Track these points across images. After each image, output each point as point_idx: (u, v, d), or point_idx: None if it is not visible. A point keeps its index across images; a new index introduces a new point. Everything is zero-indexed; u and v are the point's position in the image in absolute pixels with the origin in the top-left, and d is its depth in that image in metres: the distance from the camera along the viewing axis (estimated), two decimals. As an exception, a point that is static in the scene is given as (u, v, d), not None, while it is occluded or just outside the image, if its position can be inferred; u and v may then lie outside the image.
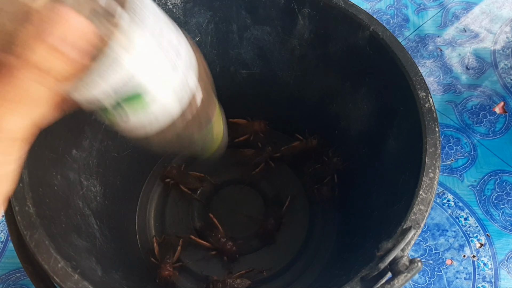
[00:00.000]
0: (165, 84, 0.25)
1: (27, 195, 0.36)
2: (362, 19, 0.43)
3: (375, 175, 0.48)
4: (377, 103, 0.47)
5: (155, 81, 0.24)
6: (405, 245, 0.32)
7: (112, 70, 0.22)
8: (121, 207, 0.56)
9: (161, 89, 0.25)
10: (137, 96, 0.24)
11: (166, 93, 0.25)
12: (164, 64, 0.24)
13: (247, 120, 0.62)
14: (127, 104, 0.24)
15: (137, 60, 0.23)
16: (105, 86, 0.23)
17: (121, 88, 0.23)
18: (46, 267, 0.33)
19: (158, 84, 0.25)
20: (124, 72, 0.22)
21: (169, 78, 0.25)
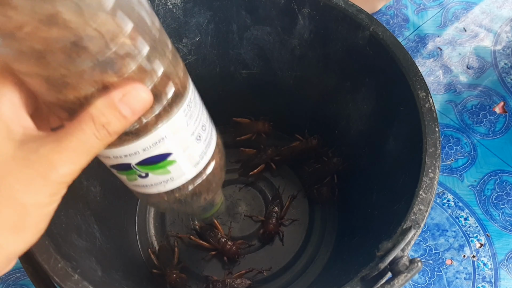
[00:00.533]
0: (188, 149, 0.27)
1: (27, 195, 0.36)
2: (362, 19, 0.43)
3: (375, 175, 0.48)
4: (377, 103, 0.47)
5: (181, 145, 0.26)
6: (405, 245, 0.32)
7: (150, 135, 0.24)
8: (121, 207, 0.56)
9: (183, 152, 0.27)
10: (166, 162, 0.26)
11: (187, 157, 0.27)
12: (191, 132, 0.27)
13: (250, 119, 0.62)
14: (154, 167, 0.26)
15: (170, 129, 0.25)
16: (142, 152, 0.25)
17: (150, 149, 0.25)
18: (46, 267, 0.33)
19: (182, 148, 0.27)
20: (157, 137, 0.25)
21: (193, 146, 0.28)
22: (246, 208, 0.60)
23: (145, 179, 0.27)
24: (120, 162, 0.26)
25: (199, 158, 0.28)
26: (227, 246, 0.54)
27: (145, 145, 0.25)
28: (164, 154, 0.26)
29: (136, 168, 0.26)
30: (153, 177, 0.27)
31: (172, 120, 0.25)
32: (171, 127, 0.25)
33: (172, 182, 0.28)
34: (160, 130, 0.24)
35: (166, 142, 0.25)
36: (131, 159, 0.25)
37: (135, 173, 0.27)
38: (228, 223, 0.59)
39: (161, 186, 0.28)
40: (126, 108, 0.22)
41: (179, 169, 0.27)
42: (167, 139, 0.25)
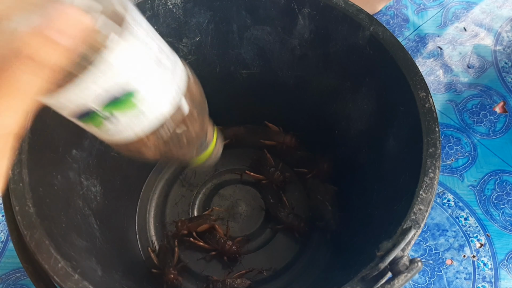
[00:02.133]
0: (154, 81, 0.25)
1: (27, 195, 0.36)
2: (362, 19, 0.43)
3: (375, 175, 0.48)
4: (377, 103, 0.47)
5: (144, 78, 0.24)
6: (405, 245, 0.32)
7: (103, 70, 0.22)
8: (121, 207, 0.56)
9: (149, 86, 0.24)
10: (127, 95, 0.23)
11: (155, 90, 0.25)
12: (152, 62, 0.24)
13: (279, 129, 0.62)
14: (117, 104, 0.24)
15: (126, 59, 0.22)
16: (96, 87, 0.22)
17: (111, 88, 0.22)
18: (46, 267, 0.33)
19: (146, 81, 0.24)
20: (114, 71, 0.22)
21: (158, 77, 0.25)
22: (246, 208, 0.60)
23: (113, 121, 0.24)
24: (77, 106, 0.23)
25: (167, 85, 0.25)
26: (227, 246, 0.54)
27: (94, 78, 0.22)
28: (122, 85, 0.23)
29: (98, 110, 0.23)
30: (120, 117, 0.24)
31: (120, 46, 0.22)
32: (117, 49, 0.22)
33: (145, 118, 0.25)
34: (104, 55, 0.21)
35: (120, 72, 0.22)
36: (87, 100, 0.23)
37: (99, 116, 0.24)
38: (227, 222, 0.59)
39: (134, 125, 0.25)
40: (56, 34, 0.19)
41: (146, 100, 0.24)
42: (119, 68, 0.22)
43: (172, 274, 0.53)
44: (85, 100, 0.23)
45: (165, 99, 0.26)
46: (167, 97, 0.26)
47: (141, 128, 0.25)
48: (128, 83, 0.23)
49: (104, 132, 0.25)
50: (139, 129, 0.25)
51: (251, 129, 0.64)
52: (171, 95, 0.26)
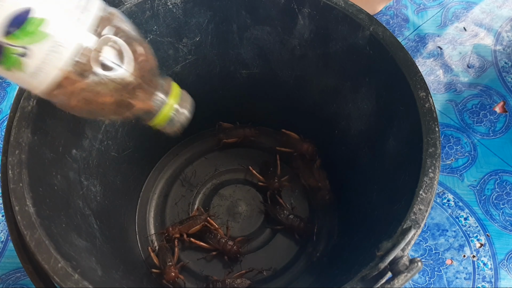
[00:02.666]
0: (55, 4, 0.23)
1: (27, 195, 0.36)
2: (362, 19, 0.43)
3: (375, 175, 0.48)
4: (377, 103, 0.47)
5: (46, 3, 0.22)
6: (405, 245, 0.32)
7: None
8: (121, 207, 0.56)
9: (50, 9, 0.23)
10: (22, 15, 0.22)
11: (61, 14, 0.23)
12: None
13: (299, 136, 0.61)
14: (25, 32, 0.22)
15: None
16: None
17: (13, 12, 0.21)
18: (46, 267, 0.33)
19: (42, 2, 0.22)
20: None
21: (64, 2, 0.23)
22: (246, 208, 0.60)
23: (30, 57, 0.23)
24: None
25: (79, 11, 0.23)
26: (228, 246, 0.54)
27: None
28: (22, 11, 0.22)
29: (7, 43, 0.22)
30: (35, 49, 0.23)
31: None
32: None
33: (64, 49, 0.23)
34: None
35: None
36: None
37: (13, 53, 0.23)
38: (227, 222, 0.59)
39: (53, 58, 0.23)
40: None
41: (59, 28, 0.23)
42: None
43: (173, 273, 0.53)
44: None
45: (78, 24, 0.24)
46: (81, 22, 0.24)
47: (61, 58, 0.23)
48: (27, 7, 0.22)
49: (27, 74, 0.24)
50: (59, 61, 0.24)
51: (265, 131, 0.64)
52: (85, 21, 0.24)
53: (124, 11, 0.45)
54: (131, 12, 0.45)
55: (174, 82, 0.32)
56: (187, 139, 0.65)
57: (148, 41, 0.48)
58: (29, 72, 0.24)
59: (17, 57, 0.23)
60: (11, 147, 0.37)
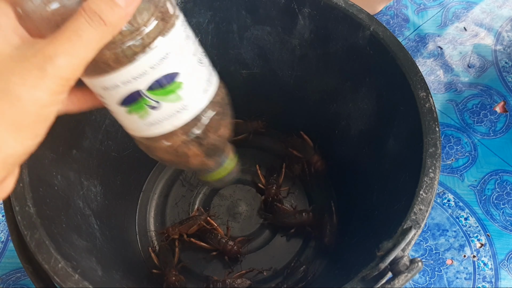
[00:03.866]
0: (196, 76, 0.27)
1: (27, 195, 0.36)
2: (363, 19, 0.43)
3: (376, 175, 0.48)
4: (377, 103, 0.46)
5: (189, 71, 0.27)
6: (406, 245, 0.32)
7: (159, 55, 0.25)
8: (121, 207, 0.56)
9: (193, 80, 0.27)
10: (174, 83, 0.26)
11: (197, 84, 0.28)
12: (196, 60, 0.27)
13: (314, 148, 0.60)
14: (164, 91, 0.26)
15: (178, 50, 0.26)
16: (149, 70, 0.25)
17: (157, 66, 0.25)
18: (46, 267, 0.33)
19: (191, 74, 0.27)
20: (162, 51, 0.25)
21: (200, 73, 0.28)
22: (246, 208, 0.60)
23: (157, 110, 0.27)
24: (129, 89, 0.25)
25: (207, 84, 0.28)
26: (228, 246, 0.54)
27: (152, 62, 0.25)
28: (172, 73, 0.26)
29: (147, 96, 0.26)
30: (165, 107, 0.27)
31: (172, 32, 0.25)
32: (173, 40, 0.25)
33: (185, 111, 0.28)
34: (162, 43, 0.25)
35: (171, 59, 0.26)
36: (140, 83, 0.25)
37: (146, 104, 0.26)
38: (227, 222, 0.59)
39: (175, 117, 0.27)
40: None
41: (190, 94, 0.27)
42: (172, 54, 0.25)
43: (174, 276, 0.53)
44: (139, 83, 0.25)
45: (204, 95, 0.28)
46: (206, 94, 0.28)
47: (180, 120, 0.28)
48: (176, 72, 0.26)
49: (144, 122, 0.28)
50: (178, 121, 0.28)
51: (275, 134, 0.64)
52: (208, 93, 0.29)
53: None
54: (131, 12, 0.45)
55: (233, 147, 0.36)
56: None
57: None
58: (147, 121, 0.28)
59: (145, 107, 0.27)
60: (11, 147, 0.37)
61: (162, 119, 0.27)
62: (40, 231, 0.34)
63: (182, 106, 0.27)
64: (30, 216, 0.35)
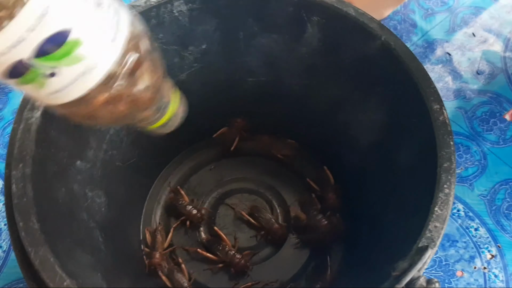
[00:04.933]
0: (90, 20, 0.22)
1: (31, 210, 0.35)
2: (373, 28, 0.43)
3: (387, 188, 0.47)
4: (388, 114, 0.46)
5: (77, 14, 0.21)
6: (422, 265, 0.31)
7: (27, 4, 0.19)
8: (126, 217, 0.56)
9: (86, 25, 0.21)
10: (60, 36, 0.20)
11: (94, 31, 0.22)
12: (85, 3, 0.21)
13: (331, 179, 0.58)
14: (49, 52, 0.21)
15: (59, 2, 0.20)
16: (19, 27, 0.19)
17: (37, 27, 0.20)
18: (51, 286, 0.32)
19: (81, 19, 0.21)
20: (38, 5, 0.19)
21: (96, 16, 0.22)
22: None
23: (57, 77, 0.22)
24: (9, 61, 0.20)
25: (114, 31, 0.23)
26: (236, 259, 0.53)
27: (28, 23, 0.19)
28: (61, 31, 0.20)
29: (35, 65, 0.21)
30: (66, 71, 0.22)
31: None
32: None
33: (95, 70, 0.22)
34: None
35: (54, 13, 0.20)
36: (20, 52, 0.20)
37: (38, 73, 0.21)
38: (233, 233, 0.58)
39: (84, 80, 0.22)
40: None
41: (93, 50, 0.22)
42: (53, 8, 0.20)
43: (156, 259, 0.52)
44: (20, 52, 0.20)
45: (113, 44, 0.23)
46: (115, 43, 0.23)
47: (88, 83, 0.23)
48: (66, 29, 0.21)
49: (45, 92, 0.23)
50: (85, 85, 0.23)
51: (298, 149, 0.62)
52: (119, 41, 0.23)
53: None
54: (136, 20, 0.44)
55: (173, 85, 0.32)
56: (191, 148, 0.64)
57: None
58: (51, 89, 0.23)
59: (43, 77, 0.22)
60: (15, 160, 0.37)
61: (68, 84, 0.22)
62: (44, 248, 0.33)
63: (88, 65, 0.22)
64: (34, 232, 0.34)
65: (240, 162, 0.63)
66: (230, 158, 0.63)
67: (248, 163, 0.63)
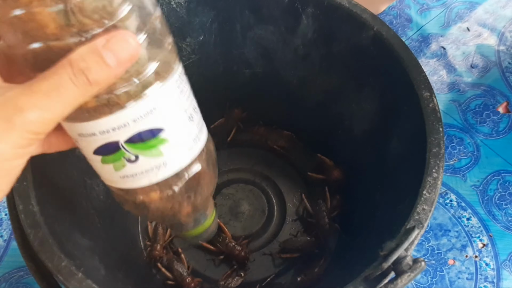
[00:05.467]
0: (183, 133, 0.25)
1: (31, 193, 0.36)
2: (366, 19, 0.43)
3: (379, 175, 0.48)
4: (380, 103, 0.46)
5: (175, 127, 0.25)
6: (409, 245, 0.32)
7: (142, 108, 0.23)
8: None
9: (178, 137, 0.25)
10: (156, 139, 0.24)
11: (182, 142, 0.25)
12: (186, 116, 0.25)
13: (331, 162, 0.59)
14: (145, 146, 0.24)
15: (166, 104, 0.24)
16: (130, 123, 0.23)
17: (141, 120, 0.23)
18: (49, 266, 0.33)
19: (177, 131, 0.25)
20: (149, 105, 0.23)
21: (187, 130, 0.26)
22: (248, 208, 0.60)
23: (134, 164, 0.25)
24: (107, 140, 0.23)
25: (193, 142, 0.26)
26: (236, 251, 0.54)
27: (136, 115, 0.23)
28: (156, 129, 0.24)
29: (125, 148, 0.24)
30: (143, 161, 0.24)
31: (164, 87, 0.23)
32: (163, 95, 0.23)
33: (165, 168, 0.25)
34: (151, 97, 0.23)
35: (158, 114, 0.23)
36: (119, 134, 0.23)
37: (123, 156, 0.24)
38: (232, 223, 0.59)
39: (152, 173, 0.25)
40: (110, 55, 0.19)
41: (172, 151, 0.25)
42: (159, 109, 0.23)
43: (156, 251, 0.53)
44: (118, 135, 0.23)
45: (188, 152, 0.26)
46: (190, 151, 0.26)
47: (158, 176, 0.26)
48: (161, 128, 0.24)
49: (119, 174, 0.25)
50: (155, 177, 0.26)
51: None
52: (194, 150, 0.26)
53: (127, 10, 0.44)
54: (134, 11, 0.45)
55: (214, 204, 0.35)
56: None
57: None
58: (122, 174, 0.25)
59: (123, 160, 0.24)
60: (15, 145, 0.37)
61: (138, 173, 0.25)
62: (43, 230, 0.34)
63: (162, 162, 0.25)
64: (34, 214, 0.35)
65: (237, 153, 0.64)
66: (227, 149, 0.64)
67: (244, 154, 0.64)
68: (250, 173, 0.62)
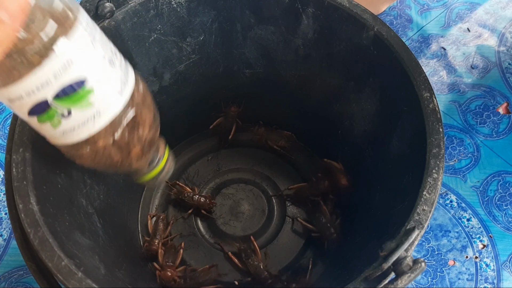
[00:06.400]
0: (104, 74, 0.26)
1: (31, 192, 0.36)
2: (367, 19, 0.43)
3: (379, 175, 0.48)
4: (381, 103, 0.46)
5: (94, 68, 0.25)
6: (409, 245, 0.32)
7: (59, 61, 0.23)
8: (124, 205, 0.57)
9: (100, 78, 0.25)
10: (83, 89, 0.25)
11: (109, 87, 0.26)
12: (106, 61, 0.26)
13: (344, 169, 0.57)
14: (73, 98, 0.25)
15: (75, 46, 0.24)
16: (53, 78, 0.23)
17: (60, 74, 0.24)
18: (49, 265, 0.33)
19: (100, 76, 0.25)
20: (62, 58, 0.23)
21: (111, 75, 0.26)
22: (248, 208, 0.60)
23: (69, 119, 0.26)
24: (35, 100, 0.24)
25: (121, 85, 0.27)
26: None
27: (53, 70, 0.23)
28: (79, 80, 0.24)
29: (55, 104, 0.25)
30: (77, 114, 0.25)
31: (72, 39, 0.24)
32: (74, 47, 0.24)
33: (100, 118, 0.26)
34: (61, 50, 0.23)
35: (76, 65, 0.24)
36: (45, 92, 0.24)
37: (56, 113, 0.25)
38: (230, 222, 0.59)
39: (90, 124, 0.26)
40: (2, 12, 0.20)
41: (102, 99, 0.26)
42: (75, 61, 0.24)
43: (154, 246, 0.54)
44: (44, 92, 0.24)
45: (119, 97, 0.27)
46: (121, 96, 0.27)
47: (95, 126, 0.26)
48: (83, 79, 0.25)
49: (58, 131, 0.26)
50: (93, 127, 0.26)
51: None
52: (124, 94, 0.27)
53: (128, 10, 0.45)
54: (135, 11, 0.45)
55: (165, 142, 0.35)
56: (190, 138, 0.65)
57: (152, 40, 0.48)
58: (61, 130, 0.26)
59: (58, 117, 0.25)
60: (15, 145, 0.37)
61: (76, 126, 0.26)
62: (43, 229, 0.34)
63: (96, 111, 0.26)
64: (34, 213, 0.35)
65: (237, 153, 0.64)
66: (228, 149, 0.64)
67: (245, 154, 0.64)
68: (250, 173, 0.62)
